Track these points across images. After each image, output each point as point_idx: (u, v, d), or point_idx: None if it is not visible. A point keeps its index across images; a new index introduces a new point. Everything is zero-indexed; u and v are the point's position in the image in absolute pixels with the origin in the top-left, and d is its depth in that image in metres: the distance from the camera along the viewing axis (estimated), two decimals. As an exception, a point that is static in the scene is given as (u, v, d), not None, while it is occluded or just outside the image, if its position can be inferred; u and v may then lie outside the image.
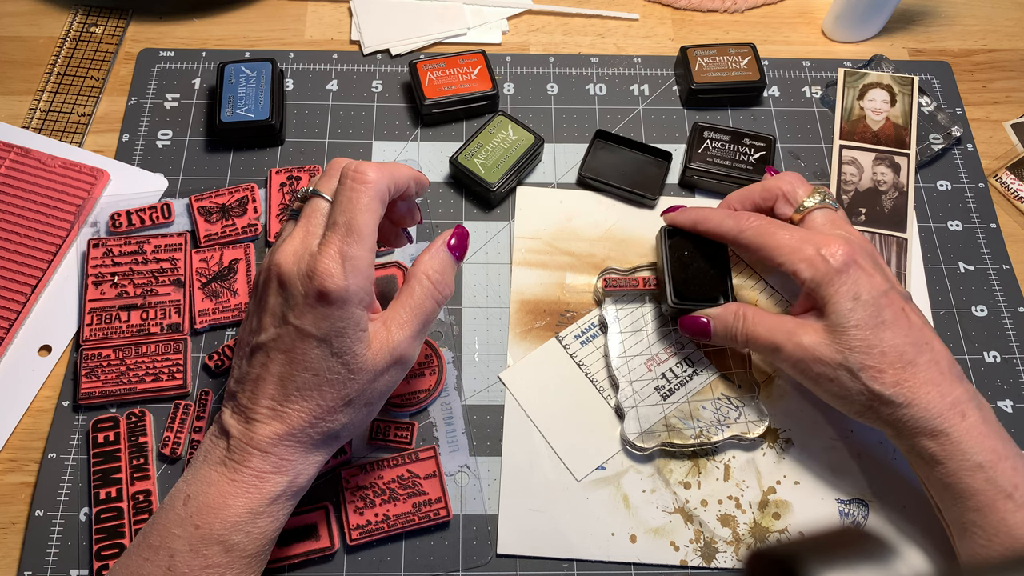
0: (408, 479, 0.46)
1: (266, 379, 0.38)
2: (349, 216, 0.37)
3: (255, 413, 0.38)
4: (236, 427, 0.38)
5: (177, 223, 0.53)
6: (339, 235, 0.37)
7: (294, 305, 0.37)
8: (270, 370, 0.38)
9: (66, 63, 0.60)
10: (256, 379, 0.38)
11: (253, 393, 0.38)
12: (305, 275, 0.37)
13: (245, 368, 0.39)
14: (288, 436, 0.38)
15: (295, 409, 0.38)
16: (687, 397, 0.48)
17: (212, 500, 0.37)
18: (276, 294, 0.38)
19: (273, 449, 0.38)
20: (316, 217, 0.39)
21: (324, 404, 0.38)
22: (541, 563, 0.45)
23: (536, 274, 0.53)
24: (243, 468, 0.37)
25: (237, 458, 0.38)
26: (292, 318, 0.37)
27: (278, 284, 0.38)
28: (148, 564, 0.37)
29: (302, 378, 0.37)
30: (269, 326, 0.38)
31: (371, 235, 0.38)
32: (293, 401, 0.38)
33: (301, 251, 0.38)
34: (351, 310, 0.37)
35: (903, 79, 0.60)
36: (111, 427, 0.46)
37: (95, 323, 0.49)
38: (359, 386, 0.38)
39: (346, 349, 0.37)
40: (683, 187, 0.57)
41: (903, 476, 0.47)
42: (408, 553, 0.45)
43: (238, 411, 0.39)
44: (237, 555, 0.37)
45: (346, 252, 0.37)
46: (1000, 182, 0.58)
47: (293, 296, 0.37)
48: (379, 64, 0.61)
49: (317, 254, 0.37)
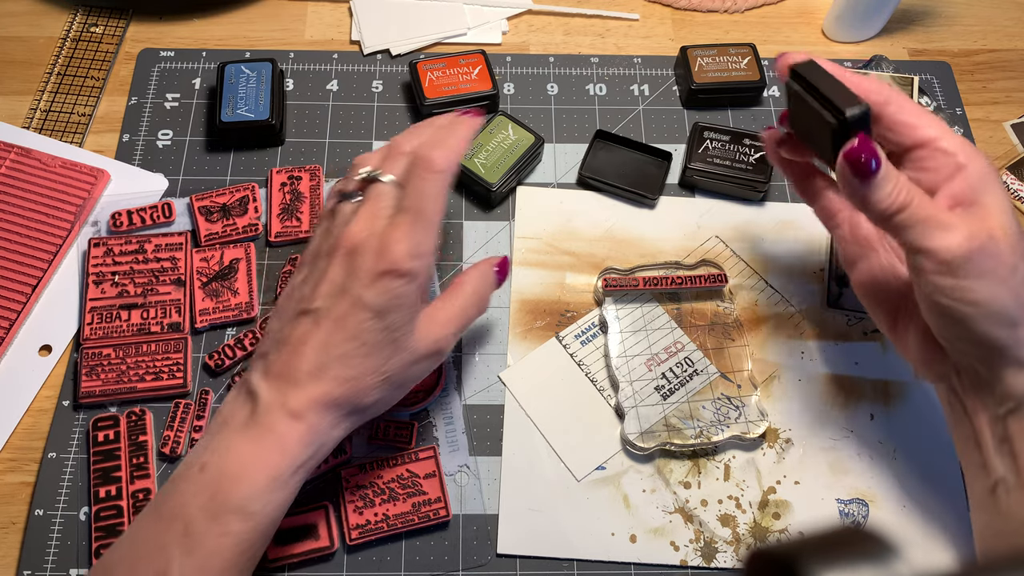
0: (408, 479, 0.46)
1: (309, 343, 0.37)
2: (420, 203, 0.38)
3: (291, 377, 0.37)
4: (266, 390, 0.37)
5: (178, 222, 0.53)
6: (409, 219, 0.38)
7: (359, 277, 0.37)
8: (316, 335, 0.37)
9: (66, 63, 0.60)
10: (298, 342, 0.38)
11: (292, 356, 0.37)
12: (376, 250, 0.37)
13: (286, 331, 0.38)
14: (322, 403, 0.37)
15: (334, 377, 0.37)
16: (687, 397, 0.48)
17: (232, 467, 0.36)
18: (341, 265, 0.38)
19: (305, 415, 0.37)
20: (382, 200, 0.39)
21: (364, 376, 0.38)
22: (541, 563, 0.45)
23: (536, 274, 0.53)
24: (268, 433, 0.36)
25: (264, 422, 0.37)
26: (354, 288, 0.37)
27: (346, 255, 0.38)
28: (160, 534, 0.36)
29: (348, 347, 0.37)
30: (325, 294, 0.38)
31: (438, 222, 0.39)
32: (334, 368, 0.37)
33: (371, 229, 0.38)
34: (412, 289, 0.38)
35: (903, 79, 0.60)
36: (111, 426, 0.46)
37: (95, 322, 0.49)
38: (400, 365, 0.39)
39: (399, 325, 0.38)
40: (683, 187, 0.57)
41: (903, 476, 0.47)
42: (408, 553, 0.45)
43: (270, 374, 0.38)
44: (254, 525, 0.36)
45: (416, 235, 0.38)
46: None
47: (359, 268, 0.37)
48: (379, 64, 0.61)
49: (389, 233, 0.38)
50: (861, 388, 0.50)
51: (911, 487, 0.47)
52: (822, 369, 0.50)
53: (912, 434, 0.48)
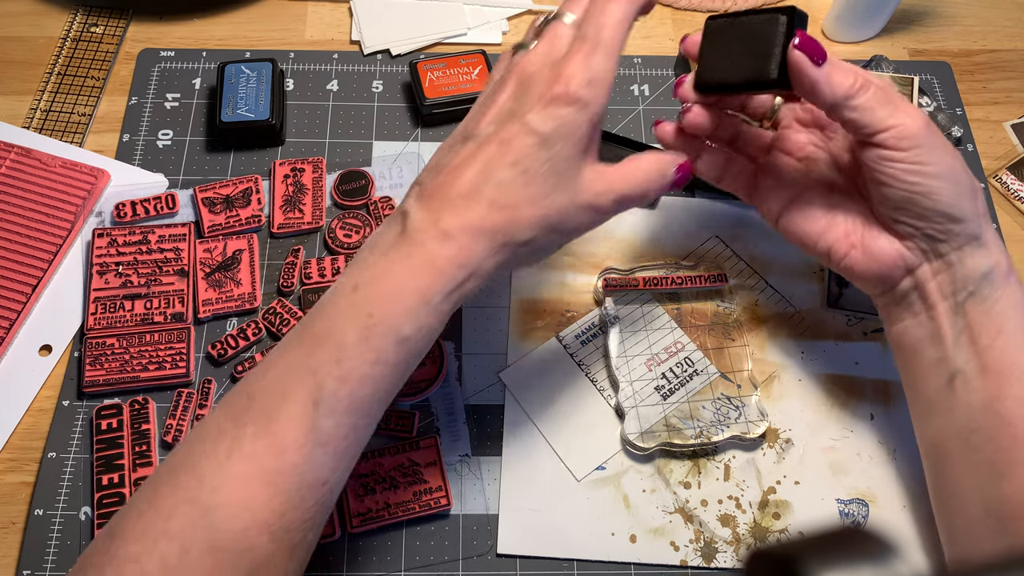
0: (409, 467, 0.46)
1: (470, 165, 0.35)
2: (599, 31, 0.36)
3: (445, 198, 0.35)
4: (418, 211, 0.36)
5: (181, 214, 0.54)
6: (588, 46, 0.35)
7: (527, 102, 0.35)
8: (476, 159, 0.35)
9: (66, 63, 0.60)
10: (457, 166, 0.36)
11: (448, 178, 0.36)
12: (548, 77, 0.35)
13: (447, 158, 0.37)
14: (475, 227, 0.35)
15: (490, 202, 0.35)
16: (687, 397, 0.48)
17: (386, 286, 0.34)
18: (510, 93, 0.36)
19: (457, 236, 0.35)
20: (560, 39, 0.37)
21: (520, 206, 0.35)
22: (541, 563, 0.45)
23: (536, 274, 0.53)
24: (420, 252, 0.35)
25: (415, 240, 0.35)
26: (521, 113, 0.35)
27: (516, 83, 0.36)
28: (312, 356, 0.34)
29: (508, 173, 0.35)
30: (491, 119, 0.36)
31: (618, 51, 0.36)
32: (490, 193, 0.35)
33: (545, 59, 0.36)
34: (583, 120, 0.35)
35: (903, 79, 0.60)
36: (114, 414, 0.47)
37: (99, 312, 0.49)
38: (558, 205, 0.36)
39: (563, 158, 0.35)
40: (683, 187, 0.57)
41: (903, 476, 0.47)
42: (408, 540, 0.45)
43: (423, 196, 0.36)
44: (405, 352, 0.35)
45: (593, 61, 0.35)
46: (1000, 182, 0.58)
47: (529, 94, 0.35)
48: (379, 64, 0.61)
49: (563, 60, 0.35)
50: (861, 388, 0.50)
51: (911, 487, 0.47)
52: (822, 369, 0.50)
53: (912, 434, 0.48)
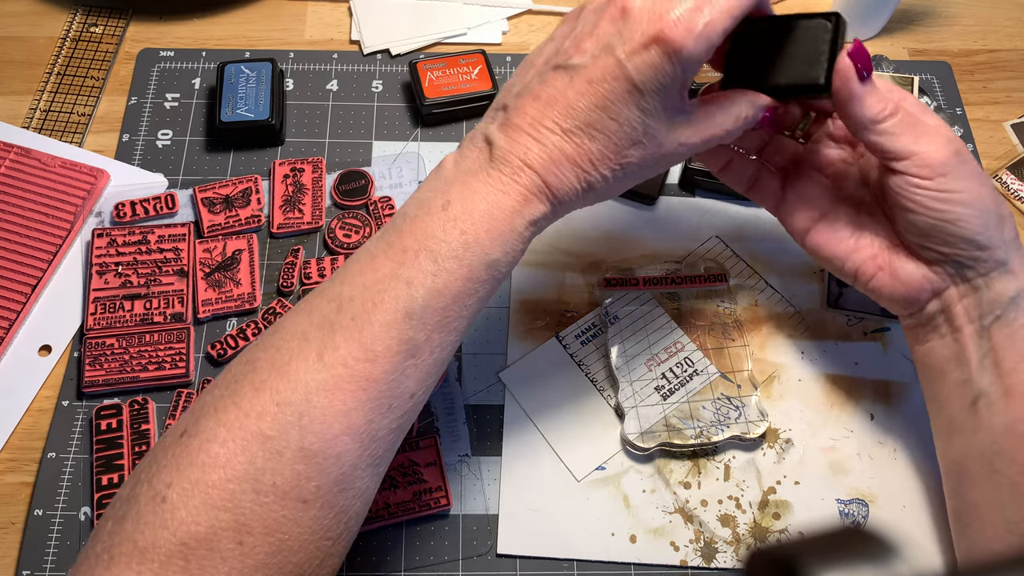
0: (408, 467, 0.46)
1: (560, 101, 0.35)
2: None
3: (531, 128, 0.35)
4: (504, 139, 0.35)
5: (181, 214, 0.54)
6: None
7: (628, 39, 0.34)
8: (567, 94, 0.35)
9: (66, 63, 0.60)
10: (547, 100, 0.35)
11: (536, 109, 0.35)
12: (654, 14, 0.33)
13: (534, 85, 0.36)
14: (559, 162, 0.35)
15: (576, 143, 0.35)
16: (687, 397, 0.48)
17: (477, 206, 0.34)
18: (613, 22, 0.35)
19: (541, 168, 0.35)
20: None
21: (604, 150, 0.35)
22: (541, 563, 0.45)
23: (536, 274, 0.53)
24: (509, 179, 0.34)
25: (504, 168, 0.35)
26: (620, 52, 0.34)
27: (620, 12, 0.34)
28: (405, 268, 0.34)
29: (596, 116, 0.34)
30: (589, 50, 0.35)
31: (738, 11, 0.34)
32: (577, 135, 0.35)
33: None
34: (678, 75, 0.34)
35: (903, 79, 0.60)
36: (114, 415, 0.47)
37: (99, 312, 0.49)
38: (640, 155, 0.36)
39: (653, 109, 0.35)
40: (683, 187, 0.57)
41: (903, 476, 0.47)
42: (408, 540, 0.45)
43: (508, 125, 0.35)
44: (492, 274, 0.35)
45: (704, 10, 0.33)
46: (1000, 182, 0.58)
47: (631, 30, 0.34)
48: (379, 64, 0.61)
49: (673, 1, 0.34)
50: (861, 388, 0.50)
51: (911, 487, 0.47)
52: (822, 369, 0.50)
53: (912, 434, 0.48)
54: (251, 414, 0.32)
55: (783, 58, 0.38)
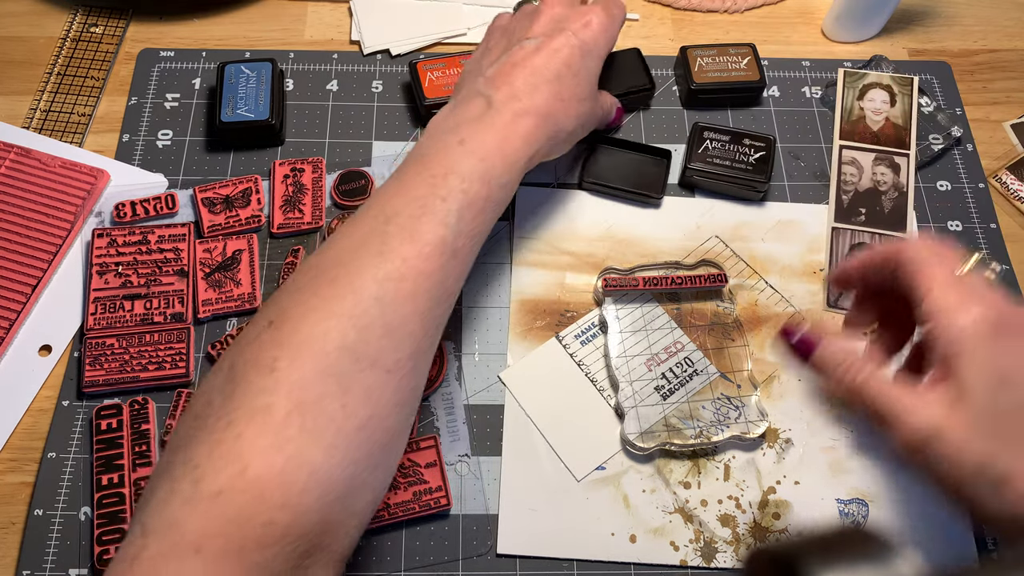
0: (408, 467, 0.46)
1: (529, 64, 0.43)
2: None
3: (515, 84, 0.43)
4: (496, 92, 0.42)
5: (181, 214, 0.54)
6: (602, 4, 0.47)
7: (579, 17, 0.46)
8: (535, 58, 0.44)
9: (66, 63, 0.60)
10: (520, 60, 0.44)
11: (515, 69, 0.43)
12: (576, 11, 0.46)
13: (505, 59, 0.44)
14: (542, 112, 0.43)
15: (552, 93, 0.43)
16: (687, 397, 0.48)
17: (490, 139, 0.41)
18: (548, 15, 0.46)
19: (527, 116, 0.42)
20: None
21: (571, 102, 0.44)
22: (541, 563, 0.45)
23: (536, 274, 0.53)
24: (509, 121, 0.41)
25: (503, 113, 0.42)
26: (573, 26, 0.45)
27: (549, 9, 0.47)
28: (440, 187, 0.39)
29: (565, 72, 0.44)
30: (546, 26, 0.46)
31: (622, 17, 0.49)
32: (551, 87, 0.43)
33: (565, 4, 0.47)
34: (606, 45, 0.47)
35: (903, 79, 0.60)
36: (114, 415, 0.47)
37: (99, 312, 0.49)
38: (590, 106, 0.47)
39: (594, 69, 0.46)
40: (683, 187, 0.57)
41: (903, 476, 0.47)
42: (408, 541, 0.45)
43: (495, 82, 0.43)
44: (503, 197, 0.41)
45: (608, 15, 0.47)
46: (1000, 182, 0.58)
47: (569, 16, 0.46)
48: (379, 64, 0.61)
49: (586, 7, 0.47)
50: (861, 388, 0.50)
51: (911, 487, 0.47)
52: (822, 369, 0.50)
53: (912, 434, 0.48)
54: (334, 298, 0.36)
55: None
